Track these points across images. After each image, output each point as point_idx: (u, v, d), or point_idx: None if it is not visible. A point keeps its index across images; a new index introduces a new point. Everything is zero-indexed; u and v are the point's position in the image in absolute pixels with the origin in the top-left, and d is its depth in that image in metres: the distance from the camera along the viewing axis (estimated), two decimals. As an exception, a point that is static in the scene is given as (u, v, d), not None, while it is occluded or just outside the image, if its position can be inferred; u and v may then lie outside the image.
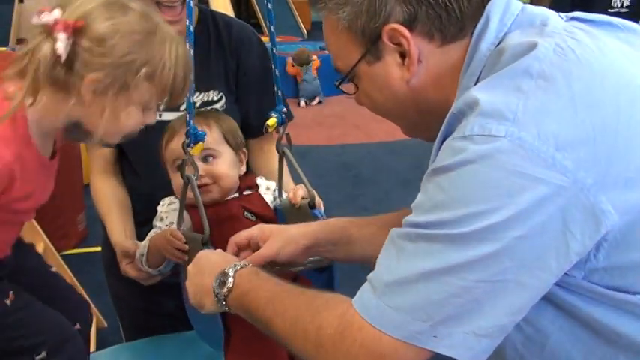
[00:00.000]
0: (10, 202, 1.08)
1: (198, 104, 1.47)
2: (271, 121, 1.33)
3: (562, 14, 0.91)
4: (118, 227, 1.47)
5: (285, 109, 1.36)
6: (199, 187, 1.25)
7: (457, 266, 0.76)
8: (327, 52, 5.68)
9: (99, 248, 1.68)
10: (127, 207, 1.52)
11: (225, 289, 1.01)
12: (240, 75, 1.55)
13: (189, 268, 1.11)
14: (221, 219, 1.29)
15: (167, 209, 1.35)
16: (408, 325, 0.79)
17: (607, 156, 0.75)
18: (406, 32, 0.86)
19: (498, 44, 0.86)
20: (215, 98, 1.52)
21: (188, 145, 1.18)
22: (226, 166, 1.33)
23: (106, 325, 2.72)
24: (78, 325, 1.32)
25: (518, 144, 0.74)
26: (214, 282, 1.02)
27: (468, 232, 0.76)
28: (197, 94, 1.46)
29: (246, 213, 1.32)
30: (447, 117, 0.83)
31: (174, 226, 1.29)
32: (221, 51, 1.54)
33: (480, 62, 0.86)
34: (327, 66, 6.89)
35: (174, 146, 1.30)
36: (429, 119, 0.88)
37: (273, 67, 1.36)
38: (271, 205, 1.39)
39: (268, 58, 1.52)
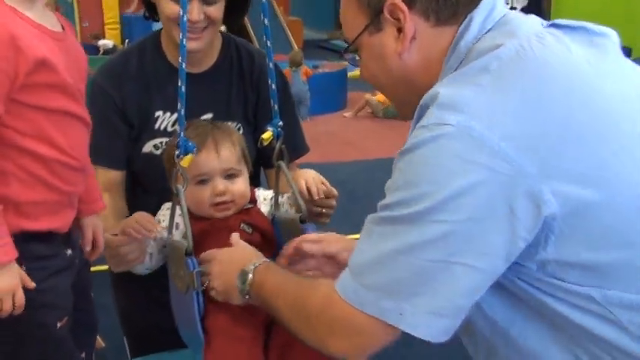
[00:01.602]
0: (31, 74, 1.07)
1: None
2: (267, 135, 1.36)
3: (543, 21, 0.97)
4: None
5: (281, 123, 1.38)
6: (220, 204, 1.32)
7: (414, 246, 0.84)
8: (319, 70, 5.76)
9: (101, 268, 1.68)
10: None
11: (246, 286, 1.12)
12: (259, 106, 1.57)
13: (216, 268, 1.20)
14: (217, 229, 1.32)
15: (165, 213, 1.36)
16: (378, 302, 0.87)
17: (554, 149, 0.80)
18: (404, 7, 0.94)
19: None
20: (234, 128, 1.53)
21: (178, 157, 1.20)
22: (245, 185, 1.37)
23: (104, 345, 2.72)
24: (83, 355, 1.32)
25: (466, 131, 0.81)
26: (237, 280, 1.14)
27: (419, 211, 0.83)
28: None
29: (242, 225, 1.34)
30: (417, 109, 0.90)
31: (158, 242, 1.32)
32: (242, 81, 1.57)
33: (457, 59, 0.93)
34: (318, 83, 6.94)
35: (201, 160, 1.30)
36: (415, 100, 0.93)
37: (270, 82, 1.38)
38: (268, 215, 1.41)
39: (288, 88, 1.60)
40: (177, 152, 1.21)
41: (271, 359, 1.24)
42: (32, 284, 1.13)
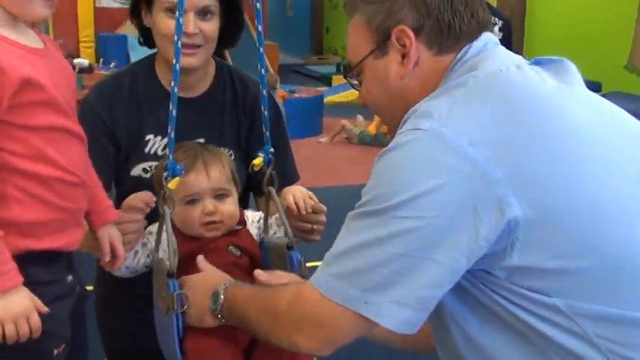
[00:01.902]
0: (16, 94, 1.06)
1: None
2: (257, 161, 1.38)
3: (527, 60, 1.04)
4: None
5: (272, 150, 1.40)
6: (210, 223, 1.33)
7: (380, 239, 0.89)
8: (295, 95, 5.82)
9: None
10: None
11: (218, 305, 1.15)
12: (253, 133, 1.57)
13: (190, 293, 1.21)
14: (206, 250, 1.32)
15: (148, 236, 1.36)
16: (345, 290, 0.92)
17: (520, 157, 0.86)
18: (411, 35, 1.00)
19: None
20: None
21: (166, 179, 1.22)
22: (234, 205, 1.38)
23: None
24: None
25: (437, 136, 0.88)
26: (210, 301, 1.17)
27: (388, 207, 0.89)
28: None
29: (230, 247, 1.35)
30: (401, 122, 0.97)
31: (154, 251, 1.32)
32: (235, 108, 1.58)
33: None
34: (294, 108, 6.97)
35: (191, 180, 1.32)
36: None
37: (262, 108, 1.39)
38: (256, 237, 1.42)
39: (281, 117, 1.61)
40: (165, 174, 1.23)
41: None
42: (45, 308, 1.12)
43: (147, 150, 1.52)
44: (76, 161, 1.18)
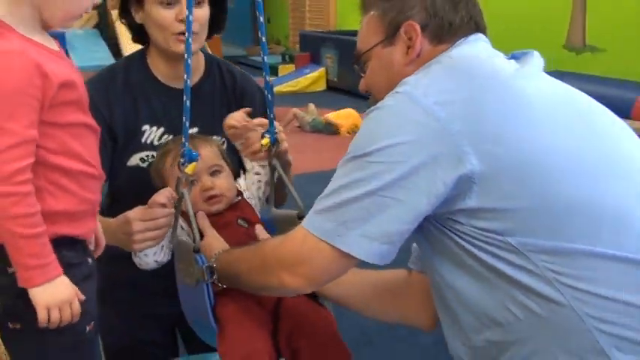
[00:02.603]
0: (55, 96, 1.15)
1: None
2: (265, 141, 1.47)
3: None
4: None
5: (277, 130, 1.48)
6: (211, 198, 1.44)
7: (356, 180, 1.05)
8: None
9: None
10: None
11: (215, 276, 1.30)
12: None
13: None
14: (217, 227, 1.42)
15: None
16: (323, 224, 1.08)
17: (475, 115, 1.03)
18: (419, 30, 1.17)
19: None
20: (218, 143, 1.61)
21: (183, 164, 1.32)
22: (230, 179, 1.48)
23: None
24: None
25: (408, 97, 1.05)
26: (206, 272, 1.30)
27: (364, 154, 1.05)
28: None
29: (239, 220, 1.46)
30: None
31: (169, 235, 1.41)
32: (225, 98, 1.65)
33: None
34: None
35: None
36: None
37: (267, 93, 1.47)
38: (258, 212, 1.53)
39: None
40: (182, 160, 1.33)
41: (280, 344, 1.34)
42: (82, 296, 1.20)
43: (143, 140, 1.56)
44: (96, 155, 1.26)
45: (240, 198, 1.51)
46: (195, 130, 1.58)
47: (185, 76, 1.29)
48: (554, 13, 6.70)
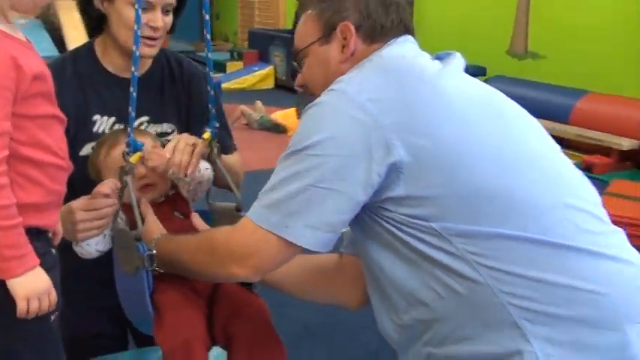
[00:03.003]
0: (28, 88, 1.14)
1: None
2: (206, 135, 1.51)
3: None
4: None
5: (217, 125, 1.52)
6: (147, 185, 1.46)
7: (297, 173, 1.12)
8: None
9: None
10: None
11: (154, 262, 1.33)
12: (192, 107, 1.68)
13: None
14: None
15: None
16: (269, 217, 1.14)
17: (403, 110, 1.11)
18: (353, 30, 1.26)
19: None
20: (169, 130, 1.65)
21: (128, 154, 1.37)
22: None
23: None
24: None
25: (343, 94, 1.13)
26: (145, 259, 1.33)
27: (303, 147, 1.12)
28: (152, 126, 1.62)
29: (175, 212, 1.49)
30: None
31: (111, 224, 1.43)
32: (174, 86, 1.67)
33: None
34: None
35: (116, 155, 1.43)
36: None
37: (209, 87, 1.50)
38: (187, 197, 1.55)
39: (220, 95, 1.72)
40: (127, 150, 1.37)
41: (215, 330, 1.38)
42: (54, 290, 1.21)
43: (95, 129, 1.58)
44: (64, 146, 1.26)
45: (175, 192, 1.53)
46: (145, 118, 1.61)
47: (133, 68, 1.32)
48: (497, 20, 6.88)
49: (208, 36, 1.45)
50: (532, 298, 1.07)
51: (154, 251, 1.33)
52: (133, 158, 1.37)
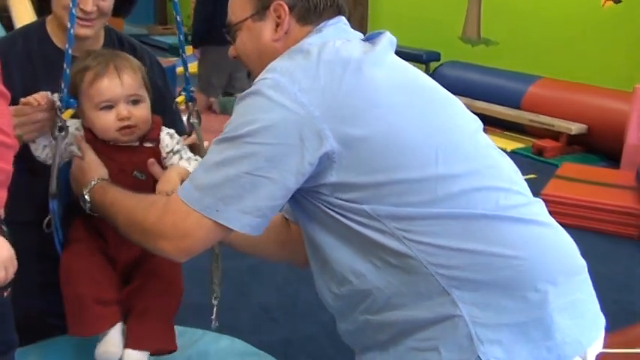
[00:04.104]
0: None
1: None
2: (180, 98, 1.57)
3: (362, 36, 1.35)
4: None
5: (192, 88, 1.59)
6: (124, 128, 1.45)
7: (231, 159, 1.16)
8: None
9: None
10: None
11: (87, 202, 1.41)
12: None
13: (71, 179, 1.48)
14: (111, 171, 1.45)
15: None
16: (202, 199, 1.18)
17: (333, 100, 1.15)
18: (287, 10, 1.29)
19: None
20: None
21: (60, 110, 1.40)
22: (147, 110, 1.48)
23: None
24: None
25: (276, 83, 1.17)
26: (82, 193, 1.41)
27: (238, 135, 1.16)
28: None
29: (135, 172, 1.47)
30: None
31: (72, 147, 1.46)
32: None
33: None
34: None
35: (104, 86, 1.42)
36: None
37: (180, 51, 1.61)
38: (166, 157, 1.53)
39: (167, 79, 1.76)
40: (59, 105, 1.39)
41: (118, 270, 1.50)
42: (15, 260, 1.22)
43: None
44: (9, 123, 1.23)
45: (152, 145, 1.50)
46: None
47: (67, 45, 1.40)
48: (451, 6, 6.96)
49: (179, 17, 1.55)
50: (457, 267, 1.15)
51: (87, 197, 1.39)
52: (65, 114, 1.40)
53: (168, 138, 1.52)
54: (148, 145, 1.49)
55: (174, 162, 1.50)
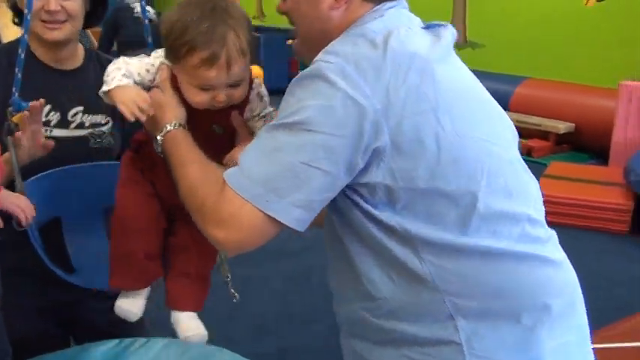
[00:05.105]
0: None
1: (87, 124, 1.68)
2: None
3: (422, 23, 1.27)
4: None
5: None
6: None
7: (288, 146, 1.08)
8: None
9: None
10: None
11: (159, 148, 1.30)
12: None
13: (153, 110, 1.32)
14: (192, 119, 1.33)
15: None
16: (252, 188, 1.10)
17: (393, 97, 1.09)
18: None
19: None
20: (102, 121, 1.71)
21: (11, 114, 1.42)
22: (244, 89, 1.35)
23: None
24: None
25: (340, 69, 1.09)
26: (157, 133, 1.31)
27: (297, 121, 1.08)
28: (87, 115, 1.68)
29: (214, 126, 1.36)
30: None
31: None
32: None
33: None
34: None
35: (211, 76, 1.27)
36: (317, 45, 1.19)
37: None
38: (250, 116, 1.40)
39: None
40: (10, 109, 1.40)
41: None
42: None
43: None
44: None
45: (236, 104, 1.35)
46: (80, 108, 1.67)
47: (19, 49, 1.46)
48: (436, 11, 7.00)
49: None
50: (469, 297, 1.14)
51: (160, 140, 1.29)
52: (16, 118, 1.40)
53: (257, 100, 1.40)
54: (234, 104, 1.36)
55: (258, 127, 1.37)
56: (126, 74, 1.34)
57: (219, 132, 1.36)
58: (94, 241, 1.64)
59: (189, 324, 1.44)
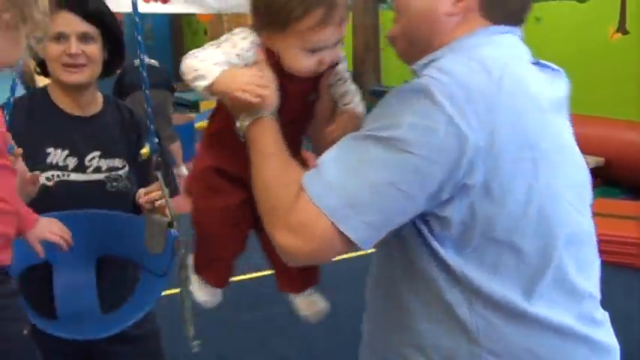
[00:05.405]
0: None
1: (104, 168, 1.75)
2: (144, 150, 1.66)
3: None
4: None
5: (157, 140, 1.68)
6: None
7: (375, 161, 1.01)
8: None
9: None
10: None
11: (243, 128, 1.16)
12: (140, 145, 1.80)
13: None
14: (287, 87, 1.25)
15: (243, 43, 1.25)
16: (327, 197, 1.02)
17: (501, 138, 1.01)
18: None
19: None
20: (119, 165, 1.78)
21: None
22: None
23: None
24: None
25: (450, 93, 0.99)
26: (241, 116, 1.17)
27: (392, 137, 1.00)
28: (104, 160, 1.76)
29: (309, 97, 1.30)
30: (423, 65, 1.11)
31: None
32: (124, 128, 1.83)
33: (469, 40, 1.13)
34: (186, 133, 7.13)
35: (326, 36, 1.21)
36: (420, 50, 1.14)
37: (146, 106, 1.68)
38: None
39: (153, 146, 1.82)
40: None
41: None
42: None
43: (48, 161, 1.71)
44: (11, 192, 1.32)
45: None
46: (97, 153, 1.75)
47: (9, 93, 1.56)
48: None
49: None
50: (505, 354, 1.09)
51: (244, 127, 1.16)
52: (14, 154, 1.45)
53: (344, 61, 1.36)
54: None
55: (339, 92, 1.32)
56: (219, 62, 1.19)
57: (312, 99, 1.29)
58: (84, 290, 1.68)
59: (304, 301, 1.39)
